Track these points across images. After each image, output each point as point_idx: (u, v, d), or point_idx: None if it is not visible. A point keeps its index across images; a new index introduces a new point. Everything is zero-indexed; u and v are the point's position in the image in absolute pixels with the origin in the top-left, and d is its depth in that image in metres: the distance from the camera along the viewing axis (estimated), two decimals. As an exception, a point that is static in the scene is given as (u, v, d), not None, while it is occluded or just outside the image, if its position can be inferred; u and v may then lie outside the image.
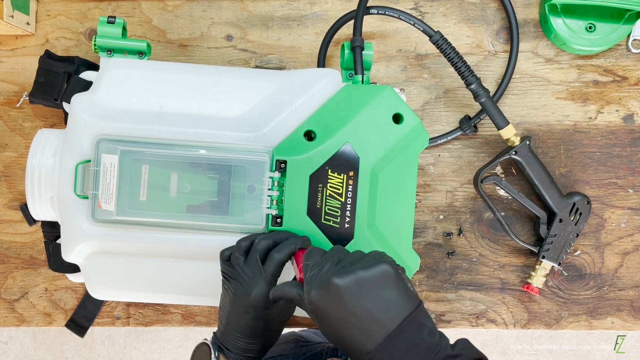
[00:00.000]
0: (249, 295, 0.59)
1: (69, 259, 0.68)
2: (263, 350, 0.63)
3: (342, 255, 0.54)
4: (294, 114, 0.66)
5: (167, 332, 1.79)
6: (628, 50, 0.82)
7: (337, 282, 0.49)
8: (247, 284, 0.59)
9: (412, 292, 0.51)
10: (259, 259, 0.59)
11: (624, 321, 0.83)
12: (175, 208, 0.65)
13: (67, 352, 1.79)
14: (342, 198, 0.66)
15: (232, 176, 0.65)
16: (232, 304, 0.61)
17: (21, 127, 0.82)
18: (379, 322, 0.49)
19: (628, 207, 0.83)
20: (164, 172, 0.64)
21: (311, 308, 0.51)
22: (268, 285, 0.59)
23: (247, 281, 0.59)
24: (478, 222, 0.83)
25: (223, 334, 0.63)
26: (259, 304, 0.59)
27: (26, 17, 0.79)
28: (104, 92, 0.66)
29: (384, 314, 0.49)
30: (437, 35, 0.73)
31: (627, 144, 0.82)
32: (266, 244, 0.60)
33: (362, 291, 0.49)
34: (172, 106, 0.66)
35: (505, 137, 0.77)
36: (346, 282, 0.49)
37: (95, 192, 0.64)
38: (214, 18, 0.82)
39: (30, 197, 0.68)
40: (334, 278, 0.50)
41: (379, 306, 0.49)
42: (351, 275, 0.50)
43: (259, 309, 0.60)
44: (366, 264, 0.51)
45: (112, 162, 0.63)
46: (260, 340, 0.62)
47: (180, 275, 0.69)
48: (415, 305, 0.50)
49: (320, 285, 0.51)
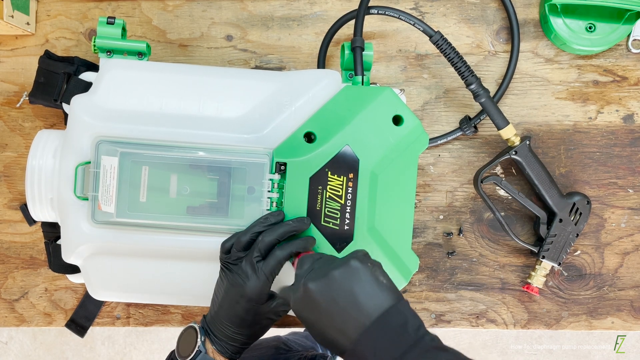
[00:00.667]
0: (244, 288, 0.60)
1: (69, 260, 0.68)
2: (247, 342, 0.64)
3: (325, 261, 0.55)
4: (294, 115, 0.66)
5: (167, 332, 1.79)
6: (628, 50, 0.82)
7: (310, 286, 0.51)
8: (245, 277, 0.60)
9: (387, 286, 0.50)
10: (261, 255, 0.60)
11: (624, 321, 0.83)
12: (175, 209, 0.65)
13: (67, 352, 1.79)
14: (342, 200, 0.66)
15: (232, 178, 0.65)
16: (226, 292, 0.62)
17: (21, 127, 0.82)
18: (353, 318, 0.49)
19: (628, 207, 0.83)
20: (163, 173, 0.64)
21: (295, 314, 0.53)
22: (265, 282, 0.60)
23: (245, 274, 0.60)
24: (478, 222, 0.83)
25: (213, 318, 0.63)
26: (253, 298, 0.60)
27: (26, 17, 0.79)
28: (104, 94, 0.66)
29: (357, 310, 0.49)
30: (437, 35, 0.73)
31: (627, 144, 0.82)
32: (270, 240, 0.60)
33: (332, 290, 0.50)
34: (172, 107, 0.66)
35: (505, 137, 0.77)
36: (317, 285, 0.50)
37: (95, 193, 0.64)
38: (214, 18, 0.82)
39: (30, 198, 0.68)
40: (308, 282, 0.51)
41: (351, 303, 0.49)
42: (322, 277, 0.51)
43: (252, 302, 0.60)
44: (337, 263, 0.51)
45: (112, 164, 0.63)
46: (247, 332, 0.63)
47: (180, 276, 0.69)
48: (393, 300, 0.50)
49: (297, 291, 0.52)
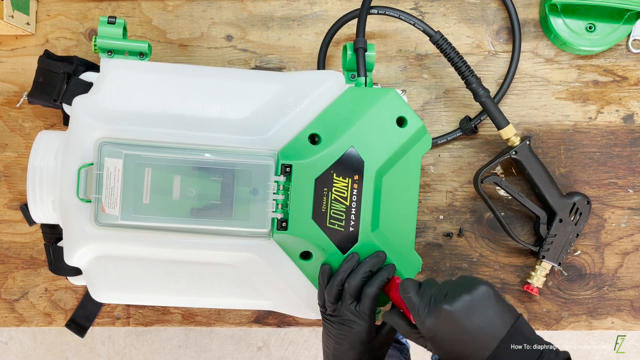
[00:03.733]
0: (353, 334, 0.64)
1: (71, 262, 0.67)
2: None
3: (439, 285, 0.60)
4: (298, 117, 0.66)
5: (167, 332, 1.79)
6: (628, 50, 0.82)
7: (448, 308, 0.55)
8: (350, 323, 0.64)
9: (510, 305, 0.56)
10: (354, 299, 0.63)
11: (624, 321, 0.83)
12: (178, 211, 0.64)
13: (67, 352, 1.79)
14: (347, 202, 0.66)
15: (236, 179, 0.64)
16: (337, 343, 0.65)
17: (21, 127, 0.82)
18: (490, 333, 0.54)
19: (628, 207, 0.83)
20: (167, 175, 0.64)
21: (429, 335, 0.56)
22: (369, 322, 0.63)
23: (350, 322, 0.64)
24: (478, 222, 0.83)
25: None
26: (364, 340, 0.64)
27: (26, 17, 0.79)
28: (106, 95, 0.65)
29: (493, 326, 0.54)
30: (437, 35, 0.73)
31: (627, 144, 0.82)
32: (356, 284, 0.63)
33: (470, 311, 0.55)
34: (175, 109, 0.66)
35: (505, 137, 0.77)
36: (456, 307, 0.55)
37: (99, 196, 0.64)
38: (214, 18, 0.82)
39: (32, 200, 0.67)
40: (444, 305, 0.55)
41: (486, 321, 0.54)
42: (458, 300, 0.55)
43: (365, 344, 0.64)
44: (467, 287, 0.56)
45: (116, 167, 0.63)
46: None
47: (184, 277, 0.68)
48: (516, 316, 0.56)
49: (433, 314, 0.56)
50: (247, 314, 0.84)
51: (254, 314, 0.84)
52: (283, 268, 0.67)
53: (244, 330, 1.71)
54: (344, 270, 0.64)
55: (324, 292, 0.65)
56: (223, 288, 0.69)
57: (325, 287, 0.65)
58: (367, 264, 0.64)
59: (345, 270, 0.64)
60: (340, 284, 0.64)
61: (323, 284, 0.65)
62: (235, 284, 0.69)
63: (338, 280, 0.64)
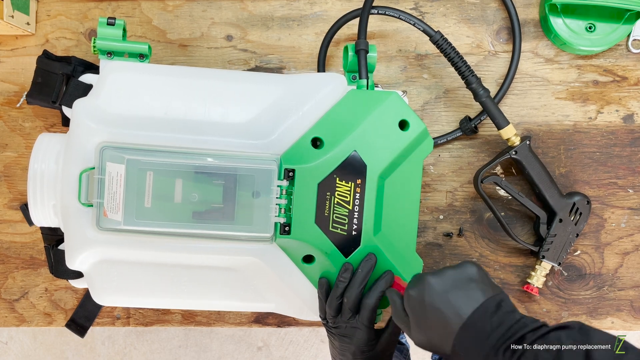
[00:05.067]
0: (353, 345, 0.66)
1: (73, 266, 0.66)
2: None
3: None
4: (301, 121, 0.66)
5: (167, 332, 1.79)
6: (628, 50, 0.82)
7: (429, 278, 0.57)
8: (350, 335, 0.66)
9: (495, 285, 0.57)
10: (353, 311, 0.65)
11: (624, 321, 0.83)
12: (181, 215, 0.64)
13: (67, 352, 1.79)
14: (350, 206, 0.66)
15: (239, 183, 0.64)
16: (342, 353, 0.68)
17: (21, 127, 0.82)
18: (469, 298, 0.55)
19: (628, 207, 0.83)
20: (169, 179, 0.63)
21: (408, 303, 0.58)
22: (368, 332, 0.65)
23: (350, 333, 0.66)
24: (478, 222, 0.83)
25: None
26: (365, 349, 0.66)
27: (26, 17, 0.79)
28: (107, 98, 0.64)
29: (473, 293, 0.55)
30: (438, 35, 0.73)
31: (627, 144, 0.82)
32: (353, 297, 0.64)
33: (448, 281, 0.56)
34: (177, 112, 0.65)
35: (505, 137, 0.77)
36: (435, 276, 0.57)
37: (100, 200, 0.63)
38: (214, 18, 0.82)
39: (33, 204, 0.67)
40: (427, 276, 0.57)
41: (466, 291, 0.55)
42: (440, 273, 0.57)
43: (367, 352, 0.66)
44: (454, 266, 0.58)
45: (119, 172, 0.62)
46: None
47: (187, 281, 0.68)
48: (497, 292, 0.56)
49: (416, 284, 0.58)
50: (247, 314, 0.84)
51: (254, 314, 0.84)
52: (286, 271, 0.67)
53: (244, 330, 1.71)
54: (340, 284, 0.65)
55: (324, 306, 0.66)
56: (226, 292, 0.69)
57: (325, 301, 0.66)
58: (361, 273, 0.65)
59: (341, 284, 0.65)
60: (339, 297, 0.65)
61: (322, 298, 0.66)
62: (238, 287, 0.69)
63: (337, 295, 0.65)
